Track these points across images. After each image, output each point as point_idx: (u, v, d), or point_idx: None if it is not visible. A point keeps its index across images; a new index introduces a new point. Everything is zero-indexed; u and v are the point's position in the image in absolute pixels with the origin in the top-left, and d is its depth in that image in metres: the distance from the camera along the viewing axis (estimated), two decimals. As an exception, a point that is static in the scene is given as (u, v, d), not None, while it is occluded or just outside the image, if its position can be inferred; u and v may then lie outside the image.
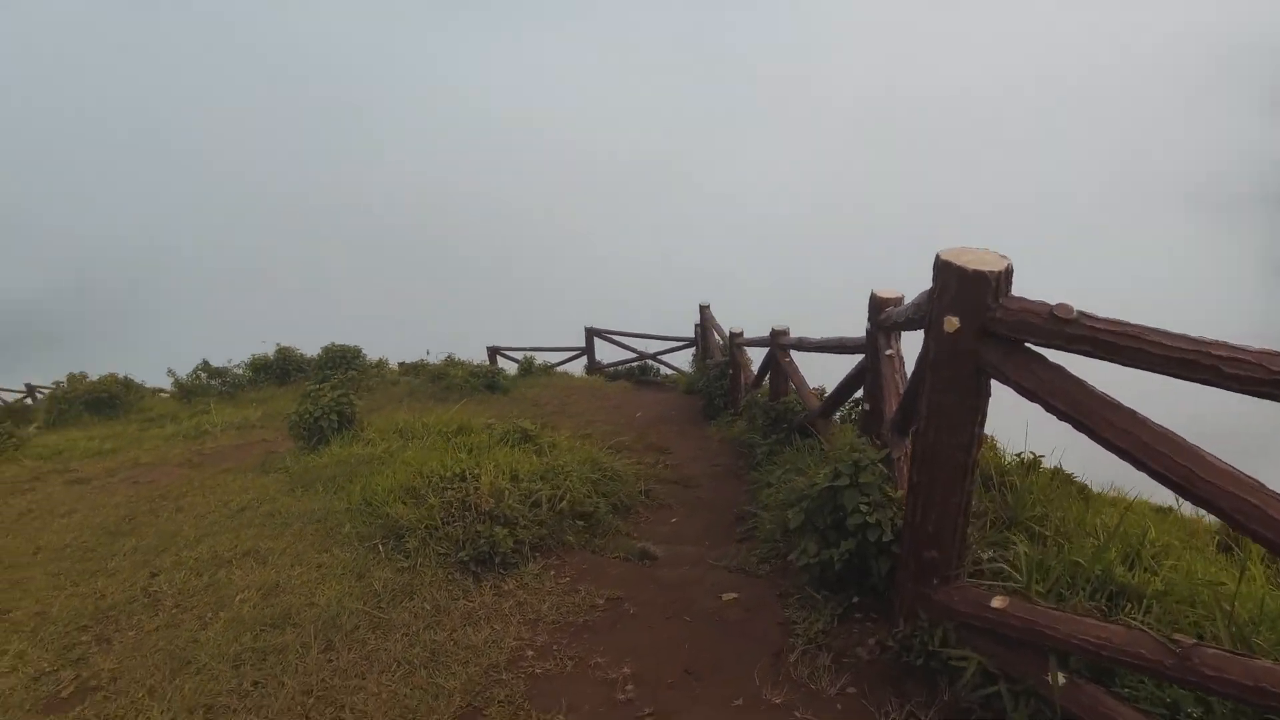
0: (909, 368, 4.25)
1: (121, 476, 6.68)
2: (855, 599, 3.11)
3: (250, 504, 5.03)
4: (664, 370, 16.66)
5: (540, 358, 17.06)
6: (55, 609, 3.63)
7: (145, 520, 4.97)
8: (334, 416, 6.25)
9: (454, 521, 3.95)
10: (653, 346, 16.37)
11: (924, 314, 2.42)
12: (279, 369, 13.65)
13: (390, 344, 18.02)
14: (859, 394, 5.15)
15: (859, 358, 4.82)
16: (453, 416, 7.23)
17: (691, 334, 15.53)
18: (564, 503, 4.38)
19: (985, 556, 2.74)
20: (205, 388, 13.39)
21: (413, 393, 11.80)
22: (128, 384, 12.15)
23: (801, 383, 6.58)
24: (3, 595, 3.89)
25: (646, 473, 7.20)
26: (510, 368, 16.02)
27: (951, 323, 2.12)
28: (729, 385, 10.48)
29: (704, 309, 12.97)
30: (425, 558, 3.78)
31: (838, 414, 6.06)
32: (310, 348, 14.31)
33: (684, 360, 16.48)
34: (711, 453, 8.43)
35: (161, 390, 14.51)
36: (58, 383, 13.94)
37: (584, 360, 17.40)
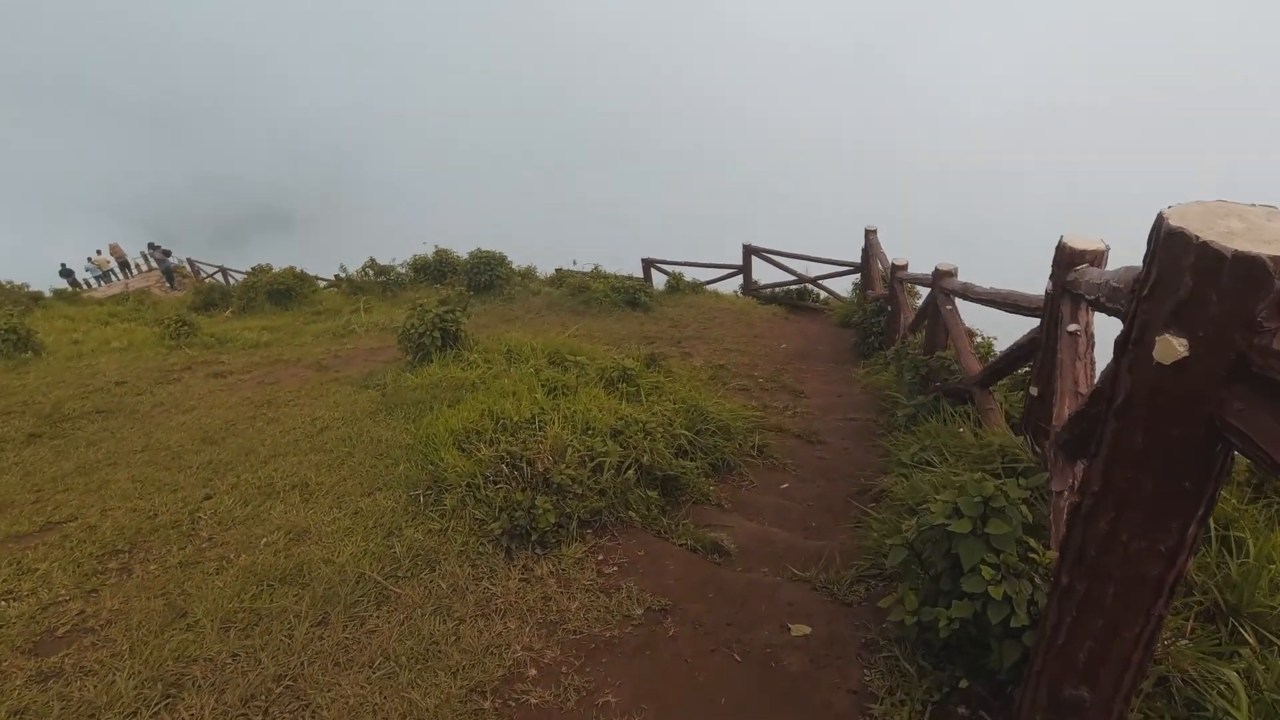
0: (1104, 353, 3.08)
1: (257, 374, 6.95)
2: (963, 683, 2.22)
3: (334, 423, 4.91)
4: (823, 295, 15.29)
5: (694, 274, 16.29)
6: (107, 525, 3.65)
7: (241, 428, 5.02)
8: (437, 334, 5.98)
9: (501, 481, 3.44)
10: (814, 270, 14.97)
11: (1124, 308, 1.40)
12: (436, 270, 13.98)
13: (561, 250, 18.02)
14: (1028, 369, 3.98)
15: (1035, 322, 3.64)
16: (564, 341, 6.76)
17: (858, 258, 13.96)
18: (629, 471, 3.72)
19: (1177, 678, 1.75)
20: (370, 284, 14.03)
21: (552, 305, 11.58)
22: (302, 277, 12.98)
23: (961, 338, 5.35)
24: (84, 498, 4.01)
25: (768, 421, 6.38)
26: (663, 282, 15.42)
27: (1172, 346, 1.12)
28: (886, 322, 9.19)
29: (870, 233, 11.44)
30: (459, 521, 3.33)
31: (1002, 383, 4.84)
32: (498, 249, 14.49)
33: (845, 287, 14.99)
34: (851, 402, 7.38)
35: (334, 284, 15.43)
36: (254, 268, 15.22)
37: (740, 280, 16.39)
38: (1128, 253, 3.17)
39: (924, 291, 10.05)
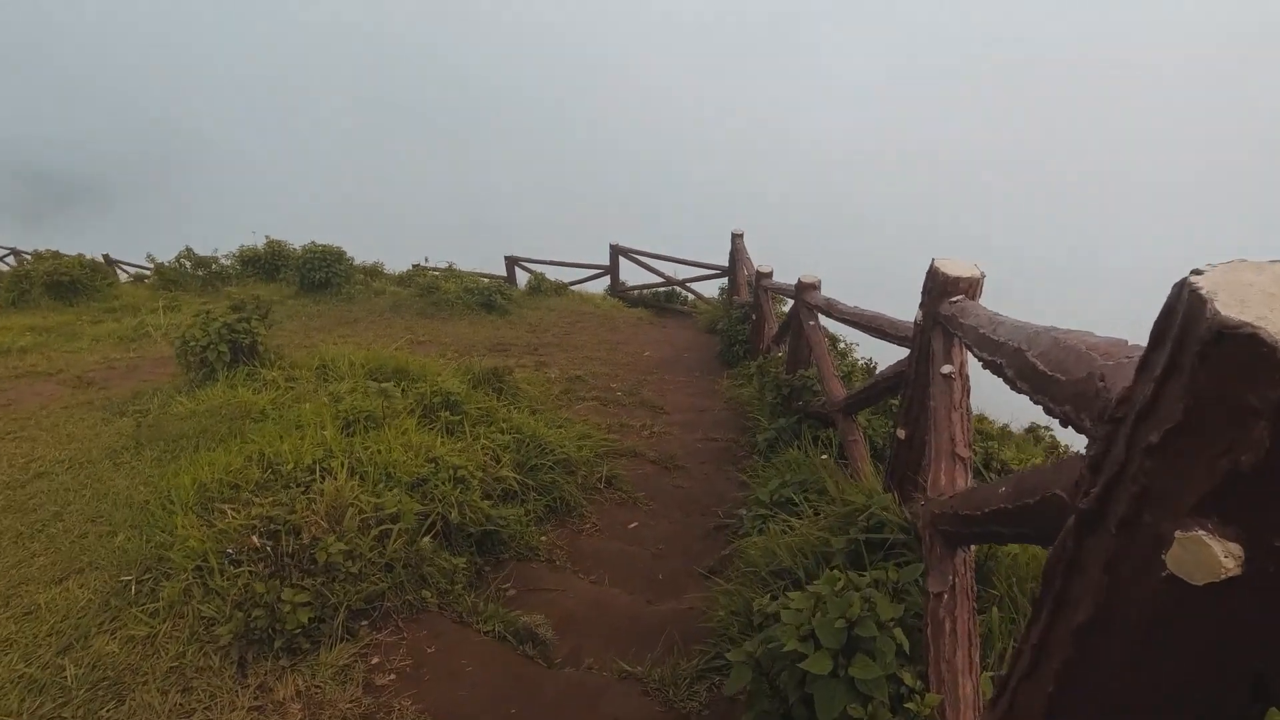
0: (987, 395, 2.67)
1: (-9, 391, 5.54)
2: None
3: (54, 467, 3.81)
4: (691, 298, 15.03)
5: (559, 274, 15.56)
6: None
7: (-78, 476, 3.80)
8: (224, 347, 4.92)
9: (244, 562, 2.59)
10: (682, 272, 14.67)
11: (1090, 424, 0.84)
12: (268, 263, 12.44)
13: (409, 246, 16.67)
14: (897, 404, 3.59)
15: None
16: (392, 355, 5.84)
17: (726, 263, 13.76)
18: (425, 538, 2.96)
19: None
20: (187, 277, 12.28)
21: (398, 306, 10.48)
22: (93, 267, 11.09)
23: (824, 358, 4.97)
24: None
25: (621, 445, 5.79)
26: (526, 282, 14.57)
27: (1214, 554, 0.55)
28: (751, 331, 8.88)
29: (736, 237, 11.18)
30: (178, 622, 2.46)
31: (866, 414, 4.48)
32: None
33: (714, 290, 14.81)
34: (714, 419, 6.94)
35: (145, 273, 13.48)
36: (35, 254, 13.06)
37: (608, 280, 15.84)
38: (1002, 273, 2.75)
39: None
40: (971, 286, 2.58)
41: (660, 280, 14.89)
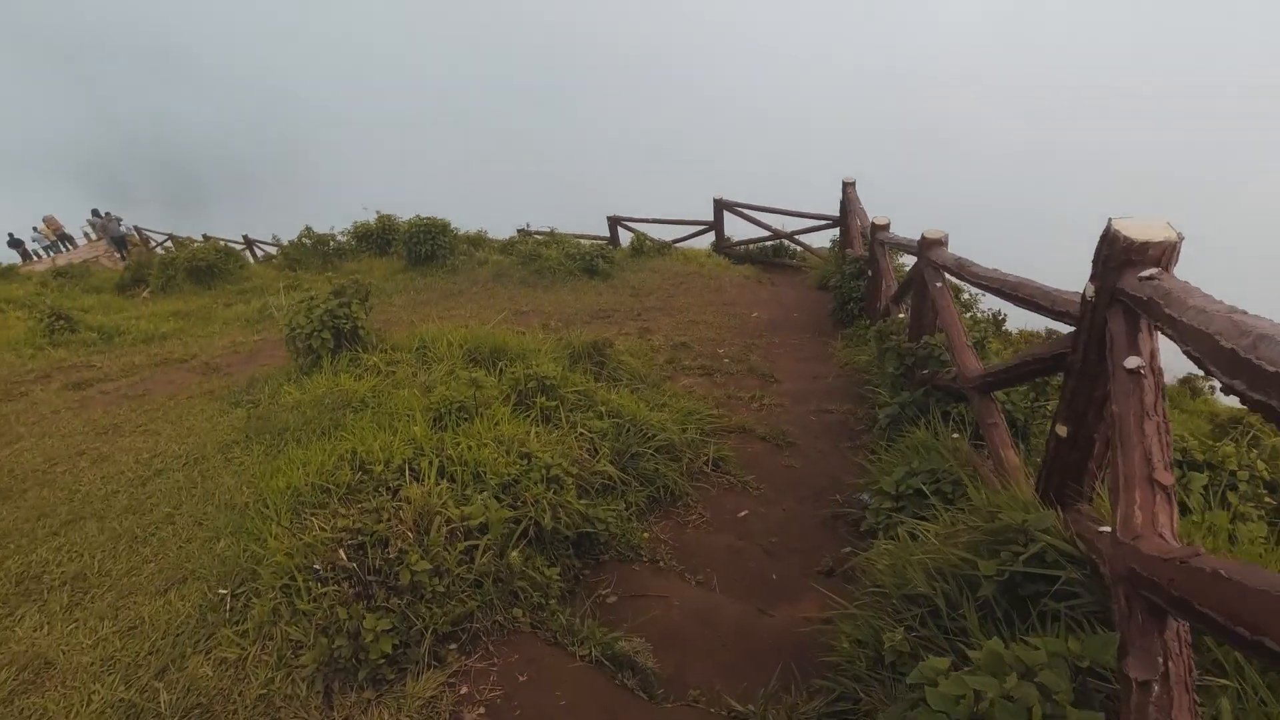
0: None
1: (127, 382, 5.89)
2: None
3: (173, 462, 3.91)
4: (800, 251, 14.27)
5: (662, 232, 15.17)
6: None
7: (57, 472, 4.01)
8: (327, 334, 4.94)
9: (331, 580, 2.47)
10: (790, 225, 13.90)
11: None
12: (379, 238, 12.79)
13: (515, 211, 16.80)
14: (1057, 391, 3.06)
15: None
16: (489, 332, 5.72)
17: (837, 213, 12.89)
18: (514, 552, 2.75)
19: None
20: (308, 256, 12.85)
21: (500, 275, 10.47)
22: (227, 251, 11.76)
23: (954, 324, 4.38)
24: None
25: (729, 421, 5.45)
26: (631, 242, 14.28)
27: None
28: (867, 288, 8.21)
29: (848, 186, 10.36)
30: (267, 645, 2.38)
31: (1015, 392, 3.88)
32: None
33: (824, 242, 13.98)
34: (827, 388, 6.46)
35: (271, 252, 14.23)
36: (176, 241, 13.98)
37: (712, 236, 15.30)
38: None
39: (911, 260, 9.07)
40: (1165, 253, 2.03)
41: (767, 234, 14.20)
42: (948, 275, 4.82)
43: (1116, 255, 2.09)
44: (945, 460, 3.63)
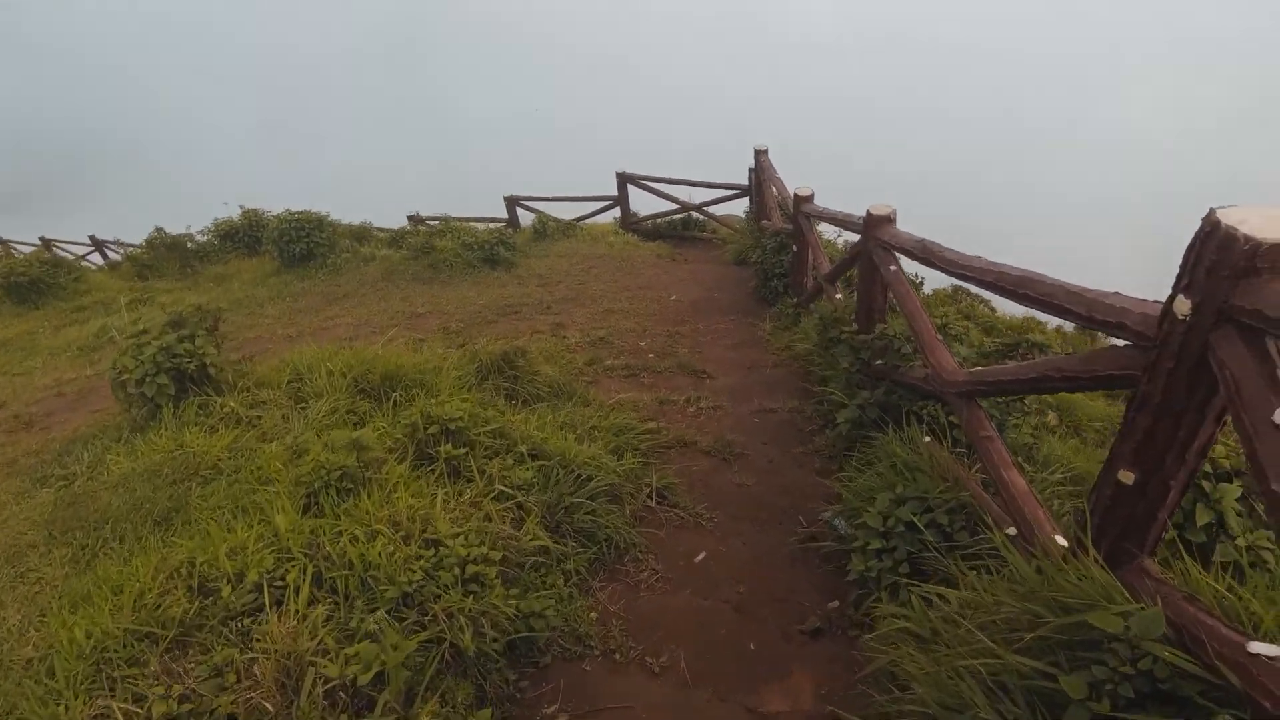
0: None
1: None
2: None
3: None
4: (712, 221, 13.74)
5: (564, 210, 14.29)
6: None
7: None
8: (163, 380, 3.93)
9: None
10: (698, 196, 13.33)
11: None
12: (248, 236, 11.33)
13: (403, 199, 15.43)
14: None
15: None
16: (378, 353, 4.80)
17: (746, 181, 12.40)
18: (424, 710, 2.00)
19: None
20: (162, 261, 11.26)
21: (390, 273, 9.38)
22: (56, 263, 10.06)
23: (918, 314, 3.86)
24: None
25: (665, 435, 4.80)
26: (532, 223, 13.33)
27: None
28: (792, 262, 7.72)
29: (760, 154, 9.83)
30: None
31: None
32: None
33: (735, 212, 13.51)
34: (766, 380, 5.92)
35: (119, 256, 12.46)
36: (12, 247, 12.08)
37: (617, 212, 14.54)
38: None
39: (837, 233, 8.63)
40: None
41: (675, 207, 13.59)
42: (902, 258, 4.31)
43: (1233, 261, 1.51)
44: (934, 483, 3.10)
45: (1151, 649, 1.55)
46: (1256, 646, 1.42)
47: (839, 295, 6.02)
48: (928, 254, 3.61)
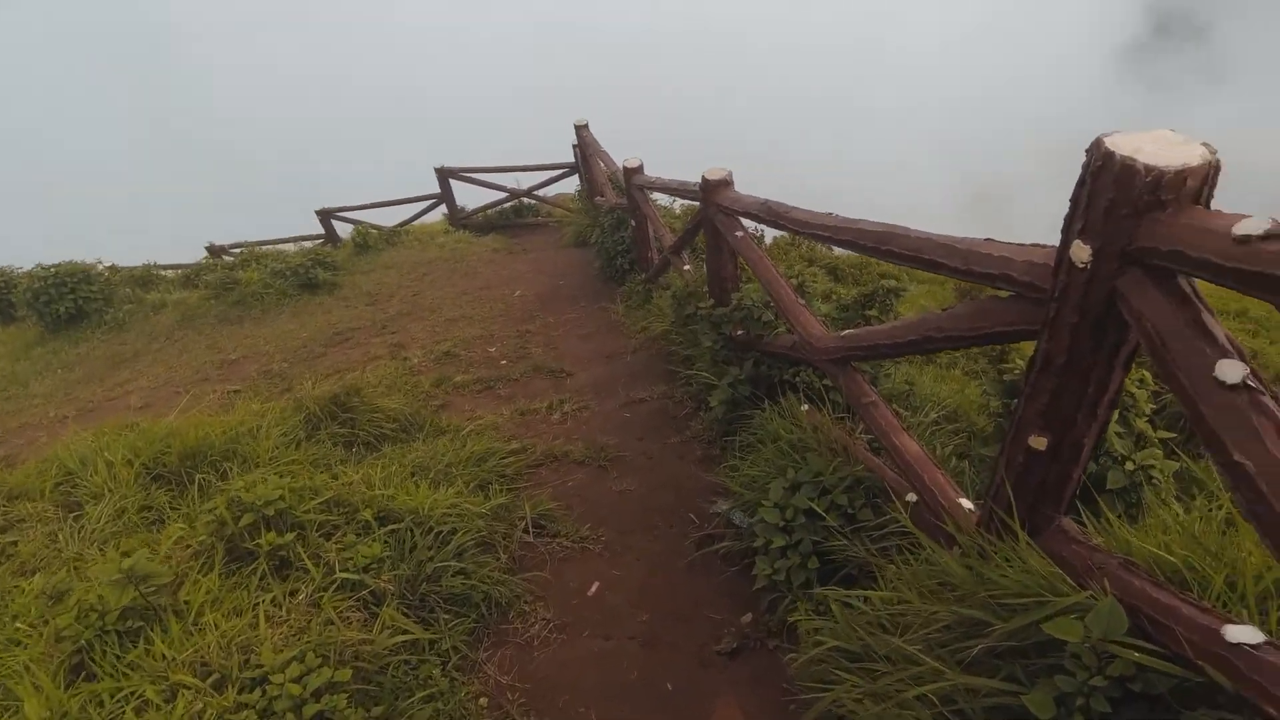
0: None
1: None
2: None
3: None
4: (544, 205, 13.24)
5: (385, 216, 13.25)
6: None
7: None
8: None
9: None
10: (525, 181, 12.77)
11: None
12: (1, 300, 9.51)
13: (188, 238, 13.62)
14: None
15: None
16: (173, 428, 3.99)
17: (571, 159, 11.98)
18: None
19: None
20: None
21: (189, 317, 8.15)
22: None
23: (776, 280, 3.65)
24: None
25: (533, 451, 4.38)
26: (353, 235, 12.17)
27: None
28: (632, 239, 7.44)
29: (580, 129, 9.43)
30: None
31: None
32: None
33: (562, 191, 13.09)
34: (629, 369, 5.61)
35: None
36: None
37: (444, 210, 13.67)
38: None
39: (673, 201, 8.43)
40: (1197, 181, 1.29)
41: (504, 195, 12.96)
42: (745, 221, 4.08)
43: (1135, 196, 1.31)
44: (825, 460, 2.90)
45: (1119, 652, 1.35)
46: (1233, 633, 1.24)
47: (688, 266, 5.79)
48: (775, 215, 3.38)
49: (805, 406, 3.56)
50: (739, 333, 4.15)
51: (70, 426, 5.62)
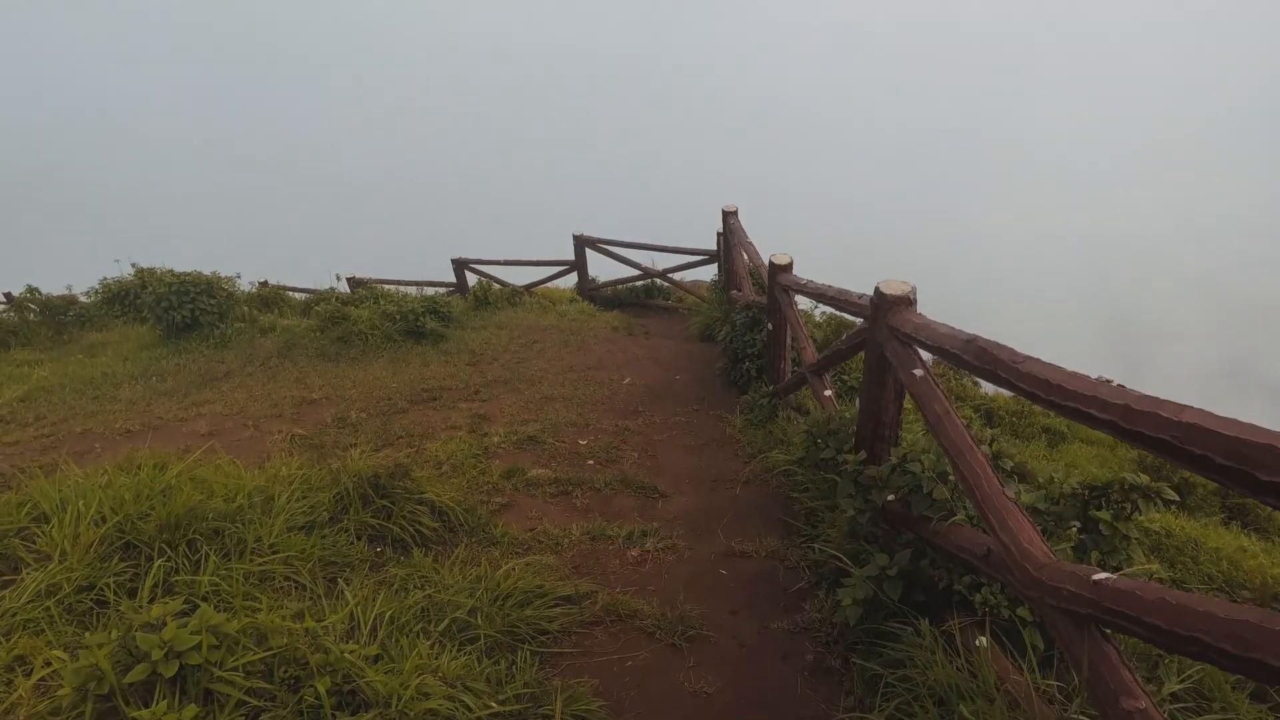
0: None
1: None
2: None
3: None
4: (679, 292, 12.57)
5: (518, 275, 13.03)
6: None
7: None
8: None
9: None
10: (661, 261, 12.17)
11: None
12: (137, 299, 9.74)
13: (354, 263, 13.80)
14: None
15: None
16: (167, 482, 3.28)
17: (714, 246, 11.28)
18: None
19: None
20: (33, 326, 9.64)
21: (290, 346, 7.86)
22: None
23: (968, 448, 2.49)
24: None
25: (593, 602, 3.34)
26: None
27: None
28: (767, 342, 6.40)
29: (729, 215, 8.66)
30: None
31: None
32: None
33: (700, 277, 12.39)
34: (734, 503, 4.52)
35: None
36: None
37: (575, 278, 13.29)
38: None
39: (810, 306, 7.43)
40: None
41: (637, 273, 12.39)
42: (921, 353, 2.97)
43: None
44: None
45: None
46: None
47: (828, 392, 4.69)
48: (986, 361, 2.27)
49: (983, 641, 2.36)
50: (890, 497, 2.99)
51: (124, 445, 5.17)
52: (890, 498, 3.00)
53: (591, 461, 5.30)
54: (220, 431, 5.66)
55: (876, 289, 3.20)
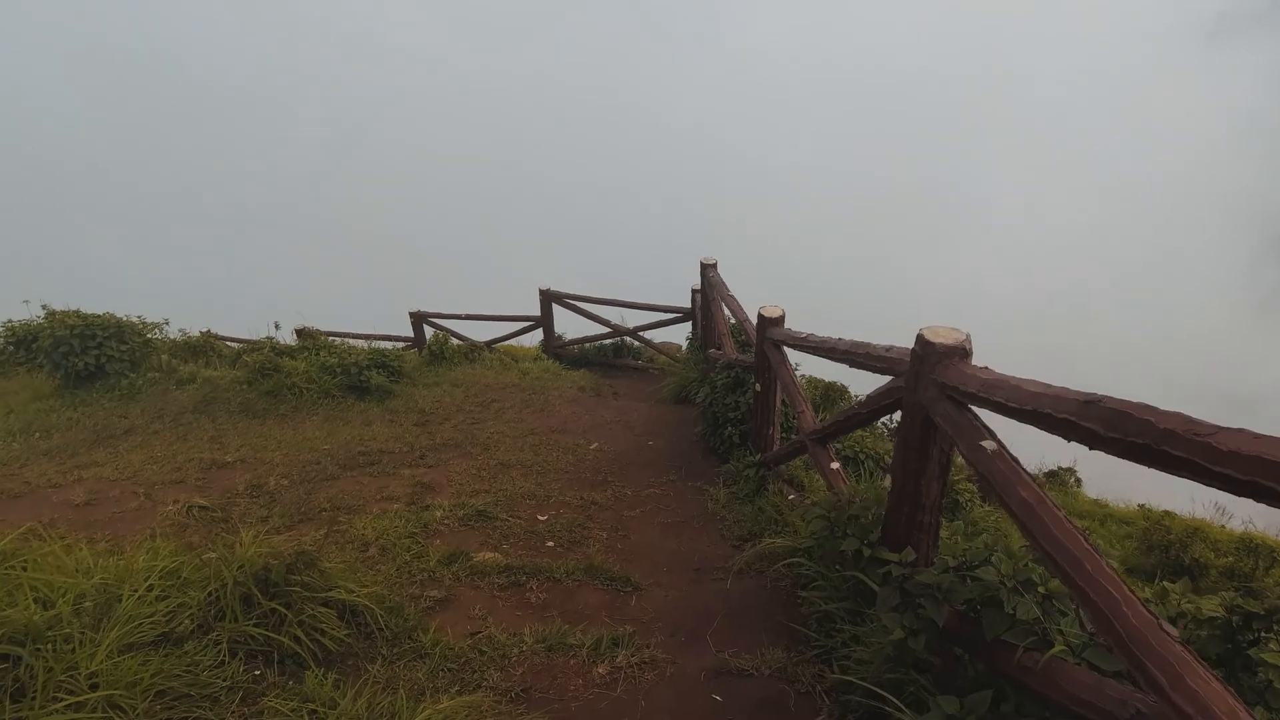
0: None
1: None
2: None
3: None
4: (647, 348, 11.90)
5: (480, 331, 12.28)
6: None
7: None
8: None
9: None
10: (632, 319, 11.52)
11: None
12: (33, 344, 8.61)
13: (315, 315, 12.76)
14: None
15: None
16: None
17: (688, 304, 10.68)
18: None
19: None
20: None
21: (208, 401, 6.87)
22: None
23: (1073, 542, 1.74)
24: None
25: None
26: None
27: None
28: (753, 405, 5.66)
29: (707, 268, 8.06)
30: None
31: None
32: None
33: (671, 336, 11.77)
34: (723, 599, 3.68)
35: None
36: None
37: (540, 334, 12.55)
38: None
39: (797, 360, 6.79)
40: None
41: (606, 330, 11.70)
42: (974, 412, 2.26)
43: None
44: None
45: None
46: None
47: (835, 465, 3.94)
48: (1137, 431, 1.55)
49: None
50: (963, 614, 2.24)
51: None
52: (956, 611, 2.23)
53: (551, 543, 4.44)
54: (101, 501, 4.68)
55: (920, 336, 2.50)
